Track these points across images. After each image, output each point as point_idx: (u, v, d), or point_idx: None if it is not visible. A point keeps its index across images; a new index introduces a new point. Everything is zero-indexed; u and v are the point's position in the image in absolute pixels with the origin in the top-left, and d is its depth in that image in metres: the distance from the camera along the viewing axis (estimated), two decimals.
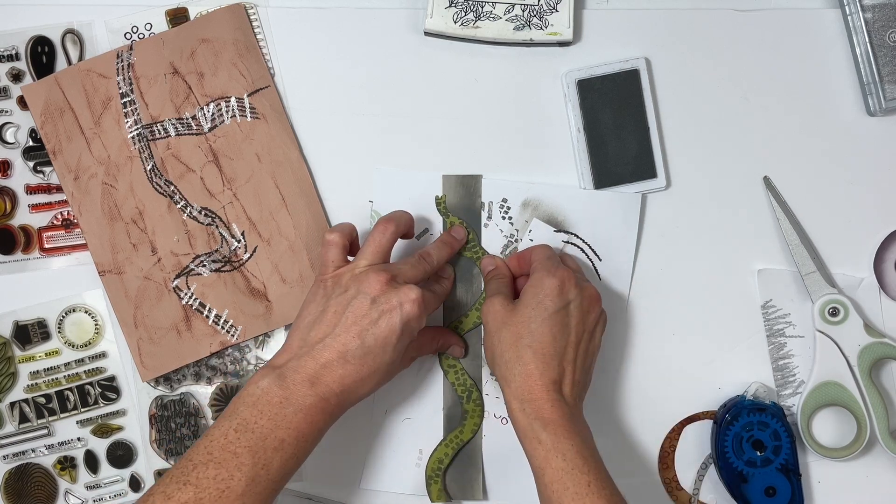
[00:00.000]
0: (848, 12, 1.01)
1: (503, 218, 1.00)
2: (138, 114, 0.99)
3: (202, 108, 0.99)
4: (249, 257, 0.99)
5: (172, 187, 0.99)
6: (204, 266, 0.99)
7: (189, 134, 0.99)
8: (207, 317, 0.99)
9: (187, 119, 0.99)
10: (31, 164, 1.00)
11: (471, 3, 0.98)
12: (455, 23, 0.98)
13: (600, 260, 1.00)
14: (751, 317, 1.02)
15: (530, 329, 0.89)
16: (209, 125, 0.99)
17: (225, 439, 0.82)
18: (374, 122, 1.00)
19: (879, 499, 1.01)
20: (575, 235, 1.00)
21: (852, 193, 1.02)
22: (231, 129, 0.99)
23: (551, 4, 0.98)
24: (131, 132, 0.99)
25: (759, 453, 0.98)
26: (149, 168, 0.99)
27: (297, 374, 0.85)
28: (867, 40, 1.00)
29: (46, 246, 1.00)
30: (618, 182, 0.99)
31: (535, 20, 0.98)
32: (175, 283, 0.99)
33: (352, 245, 0.94)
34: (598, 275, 1.00)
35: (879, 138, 1.02)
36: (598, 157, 0.99)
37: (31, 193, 1.00)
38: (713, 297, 1.01)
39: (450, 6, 0.98)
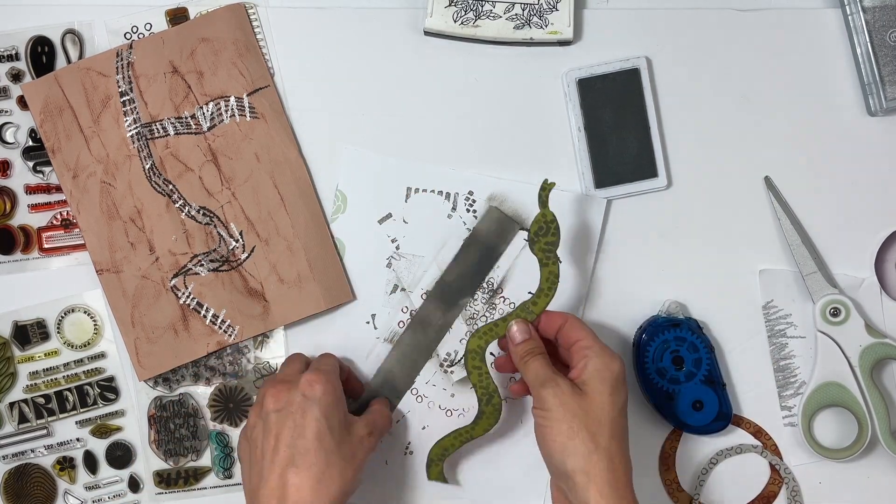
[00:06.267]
0: (848, 12, 1.01)
1: (467, 211, 1.00)
2: (137, 112, 0.99)
3: (201, 108, 0.99)
4: (247, 257, 0.99)
5: (171, 186, 0.99)
6: (202, 265, 0.99)
7: (188, 133, 0.99)
8: (205, 316, 0.99)
9: (186, 118, 0.99)
10: (31, 164, 1.00)
11: (471, 2, 0.98)
12: (455, 22, 0.98)
13: (560, 261, 1.00)
14: (752, 317, 1.01)
15: (611, 418, 0.84)
16: (208, 124, 0.99)
17: None
18: (374, 122, 1.00)
19: (881, 499, 1.01)
20: None
21: (853, 193, 1.02)
22: (230, 129, 0.99)
23: (551, 3, 0.98)
24: (130, 131, 0.99)
25: (680, 368, 0.98)
26: (147, 167, 0.99)
27: None
28: (868, 40, 1.00)
29: (46, 246, 1.00)
30: (618, 181, 0.99)
31: (535, 19, 0.98)
32: (173, 282, 0.99)
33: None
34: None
35: (880, 138, 1.02)
36: (599, 157, 0.99)
37: (30, 193, 1.00)
38: (714, 298, 1.01)
39: (450, 5, 0.98)
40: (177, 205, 0.99)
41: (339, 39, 1.01)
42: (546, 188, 0.91)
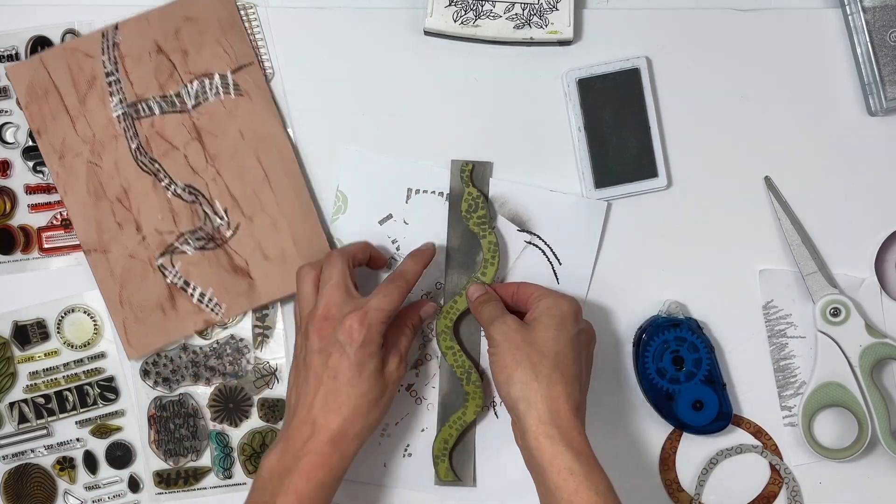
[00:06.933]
0: (848, 12, 1.01)
1: None
2: (123, 93, 0.99)
3: (186, 86, 0.99)
4: (232, 235, 0.99)
5: (157, 165, 0.98)
6: (188, 244, 0.99)
7: (173, 112, 0.99)
8: (192, 295, 0.98)
9: (171, 97, 0.99)
10: (31, 164, 1.00)
11: (471, 1, 0.98)
12: (455, 22, 0.98)
13: (560, 264, 1.00)
14: (752, 317, 1.01)
15: (555, 350, 0.87)
16: (193, 102, 0.99)
17: None
18: (375, 122, 1.00)
19: (881, 499, 1.01)
20: (538, 237, 1.00)
21: (853, 193, 1.02)
22: (215, 107, 0.99)
23: (551, 3, 0.98)
24: (116, 111, 0.99)
25: (680, 368, 0.98)
26: (134, 147, 0.99)
27: (289, 442, 0.88)
28: (868, 40, 1.00)
29: (46, 246, 1.00)
30: (618, 181, 0.99)
31: (535, 19, 0.98)
32: (160, 261, 0.98)
33: (372, 261, 0.97)
34: (557, 278, 1.00)
35: (880, 138, 1.02)
36: (599, 157, 0.99)
37: (30, 193, 1.00)
38: (714, 298, 1.01)
39: (450, 5, 0.98)
40: (163, 183, 0.99)
41: (339, 39, 1.01)
42: (465, 169, 0.98)
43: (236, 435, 1.00)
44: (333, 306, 0.90)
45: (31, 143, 1.00)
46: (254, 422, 1.00)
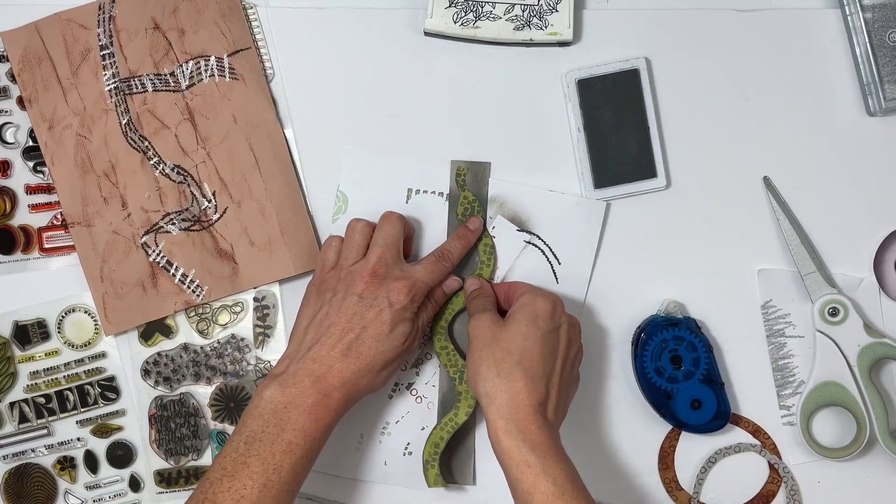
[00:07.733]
0: (848, 12, 1.01)
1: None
2: (116, 67, 0.98)
3: (181, 66, 0.99)
4: (219, 218, 0.99)
5: (146, 143, 0.98)
6: (173, 224, 0.99)
7: (166, 90, 0.99)
8: (174, 275, 0.98)
9: (165, 75, 0.99)
10: (31, 164, 1.00)
11: (471, 3, 0.98)
12: (455, 23, 0.98)
13: (559, 263, 1.00)
14: (750, 317, 1.02)
15: (522, 346, 0.88)
16: (187, 83, 0.99)
17: (236, 453, 0.85)
18: (375, 122, 1.00)
19: (879, 499, 1.01)
20: (537, 237, 1.00)
21: (852, 193, 1.02)
22: (209, 88, 0.99)
23: (551, 4, 0.98)
24: (108, 85, 0.99)
25: (679, 368, 0.98)
26: (124, 122, 0.98)
27: (296, 377, 0.88)
28: (867, 40, 1.00)
29: (46, 246, 1.00)
30: (618, 182, 0.99)
31: (535, 20, 0.98)
32: (143, 239, 0.98)
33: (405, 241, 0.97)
34: (556, 278, 1.00)
35: (879, 138, 1.02)
36: (598, 157, 0.99)
37: (30, 193, 1.00)
38: (713, 297, 1.01)
39: (450, 6, 0.98)
40: (151, 162, 0.99)
41: (339, 39, 1.01)
42: (460, 173, 0.99)
43: None
44: (384, 265, 0.92)
45: (31, 143, 1.00)
46: None
